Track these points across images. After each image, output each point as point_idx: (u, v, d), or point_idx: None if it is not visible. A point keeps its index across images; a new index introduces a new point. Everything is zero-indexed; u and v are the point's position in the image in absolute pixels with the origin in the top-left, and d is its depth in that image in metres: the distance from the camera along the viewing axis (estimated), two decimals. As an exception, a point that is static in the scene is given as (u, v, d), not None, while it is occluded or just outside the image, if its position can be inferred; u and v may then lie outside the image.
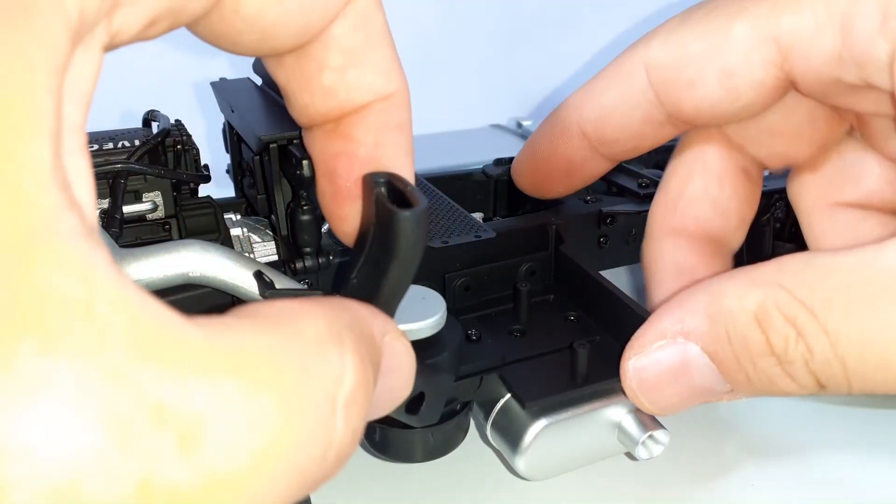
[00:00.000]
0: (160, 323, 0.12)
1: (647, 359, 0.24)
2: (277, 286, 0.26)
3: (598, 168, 0.32)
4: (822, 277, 0.21)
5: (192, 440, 0.11)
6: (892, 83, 0.22)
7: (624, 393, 0.26)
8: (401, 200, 0.19)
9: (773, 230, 0.35)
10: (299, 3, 0.18)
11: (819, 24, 0.23)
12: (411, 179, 0.21)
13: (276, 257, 0.32)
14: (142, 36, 0.15)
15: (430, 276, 0.31)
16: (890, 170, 0.28)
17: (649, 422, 0.28)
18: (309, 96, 0.21)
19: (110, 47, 0.14)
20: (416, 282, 0.28)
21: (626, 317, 0.29)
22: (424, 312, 0.26)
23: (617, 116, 0.29)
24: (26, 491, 0.10)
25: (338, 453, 0.14)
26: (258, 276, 0.26)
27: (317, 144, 0.22)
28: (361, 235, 0.21)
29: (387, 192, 0.20)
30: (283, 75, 0.21)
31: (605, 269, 0.36)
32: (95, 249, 0.12)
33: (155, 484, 0.11)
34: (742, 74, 0.25)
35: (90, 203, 0.13)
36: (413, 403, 0.25)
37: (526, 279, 0.33)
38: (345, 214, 0.22)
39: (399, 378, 0.18)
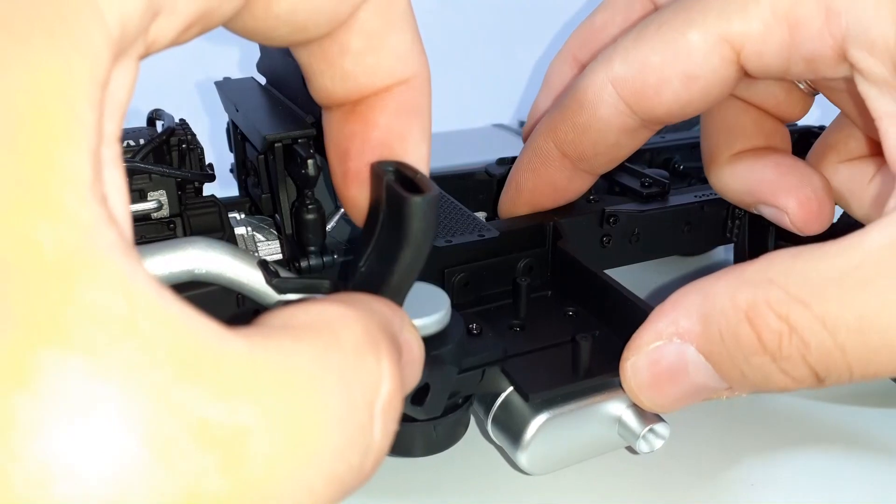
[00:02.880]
0: (203, 338, 0.12)
1: (644, 360, 0.25)
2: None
3: (582, 185, 0.34)
4: (813, 268, 0.21)
5: (235, 455, 0.11)
6: (843, 72, 0.24)
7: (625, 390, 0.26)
8: (410, 187, 0.19)
9: (776, 230, 0.35)
10: None
11: (767, 27, 0.24)
12: (425, 165, 0.21)
13: (280, 256, 0.32)
14: (175, 42, 0.15)
15: (430, 273, 0.31)
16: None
17: (649, 415, 0.28)
18: (329, 79, 0.21)
19: (145, 56, 0.14)
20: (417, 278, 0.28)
21: (626, 309, 0.29)
22: (429, 308, 0.26)
23: (593, 133, 0.30)
24: None
25: (375, 459, 0.15)
26: (263, 265, 0.26)
27: (334, 125, 0.22)
28: (369, 224, 0.21)
29: (396, 179, 0.20)
30: (305, 57, 0.21)
31: (607, 268, 0.36)
32: (135, 264, 0.12)
33: (199, 501, 0.11)
34: (704, 76, 0.27)
35: (126, 216, 0.13)
36: (418, 395, 0.25)
37: (524, 275, 0.33)
38: (353, 196, 0.22)
39: (413, 370, 0.18)
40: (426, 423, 0.28)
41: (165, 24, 0.14)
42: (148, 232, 0.31)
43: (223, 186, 0.37)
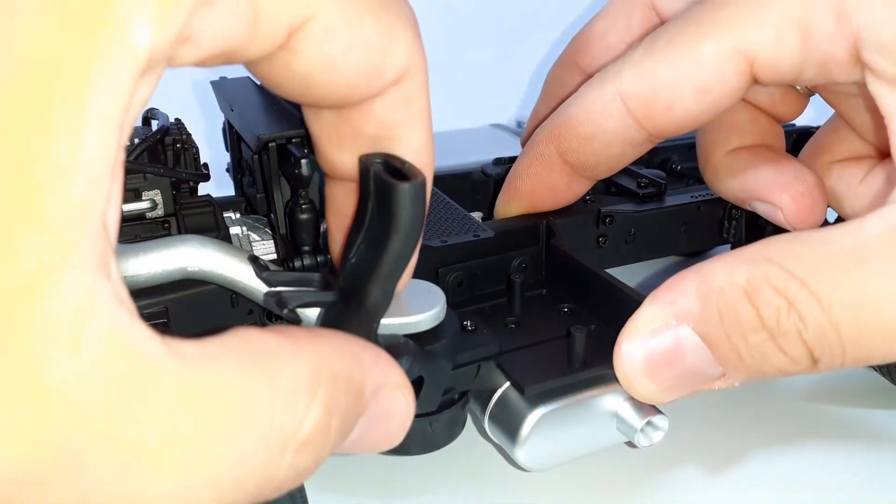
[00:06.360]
0: (142, 355, 0.13)
1: (639, 342, 0.24)
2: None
3: (581, 189, 0.34)
4: (811, 249, 0.22)
5: (129, 469, 0.13)
6: (855, 76, 0.24)
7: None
8: (398, 176, 0.19)
9: (773, 230, 0.35)
10: (347, 76, 0.19)
11: (780, 34, 0.24)
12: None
13: (274, 255, 0.32)
14: (196, 65, 0.16)
15: (424, 273, 0.31)
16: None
17: (647, 408, 0.28)
18: (339, 155, 0.22)
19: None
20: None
21: (621, 302, 0.29)
22: (424, 305, 0.26)
23: (597, 144, 0.30)
24: None
25: (276, 488, 0.15)
26: (253, 259, 0.26)
27: (337, 196, 0.24)
28: (358, 216, 0.21)
29: (384, 169, 0.20)
30: (318, 127, 0.22)
31: (603, 269, 0.36)
32: (102, 279, 0.12)
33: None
34: (717, 89, 0.26)
35: (115, 221, 0.14)
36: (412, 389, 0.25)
37: (518, 273, 0.33)
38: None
39: (389, 426, 0.19)
40: (423, 421, 0.28)
41: (187, 52, 0.15)
42: (143, 231, 0.31)
43: (219, 186, 0.37)
